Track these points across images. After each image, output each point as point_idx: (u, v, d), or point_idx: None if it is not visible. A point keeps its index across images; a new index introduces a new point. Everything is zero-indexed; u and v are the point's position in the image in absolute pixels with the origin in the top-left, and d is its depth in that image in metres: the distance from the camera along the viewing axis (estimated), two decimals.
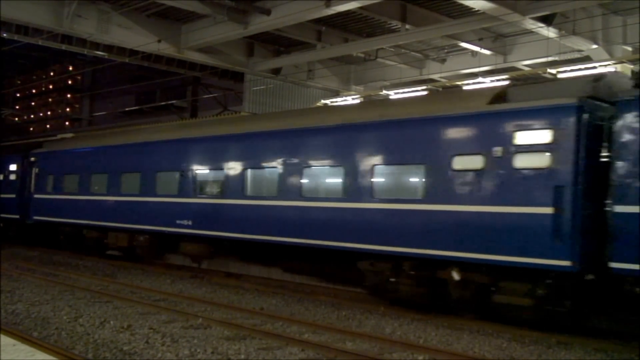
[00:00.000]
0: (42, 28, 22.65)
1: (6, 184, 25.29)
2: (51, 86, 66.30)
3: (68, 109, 63.66)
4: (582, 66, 17.98)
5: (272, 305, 12.85)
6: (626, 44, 21.52)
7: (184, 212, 16.55)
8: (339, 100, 25.47)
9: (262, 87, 29.68)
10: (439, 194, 11.22)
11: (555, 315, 9.98)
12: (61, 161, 22.44)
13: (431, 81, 27.03)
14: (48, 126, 63.32)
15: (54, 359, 7.07)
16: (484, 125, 10.85)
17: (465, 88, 19.92)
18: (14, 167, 25.22)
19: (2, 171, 25.71)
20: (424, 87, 23.15)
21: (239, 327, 10.42)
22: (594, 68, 17.14)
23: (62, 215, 21.59)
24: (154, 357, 8.59)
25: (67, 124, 60.74)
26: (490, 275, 10.68)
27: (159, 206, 17.54)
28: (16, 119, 63.02)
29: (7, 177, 25.45)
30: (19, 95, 69.02)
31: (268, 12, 21.18)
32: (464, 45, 24.43)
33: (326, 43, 25.09)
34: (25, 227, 24.33)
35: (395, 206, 11.97)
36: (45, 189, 22.72)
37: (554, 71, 18.54)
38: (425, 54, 26.87)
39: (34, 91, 68.25)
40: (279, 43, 27.05)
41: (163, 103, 38.61)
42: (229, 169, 15.51)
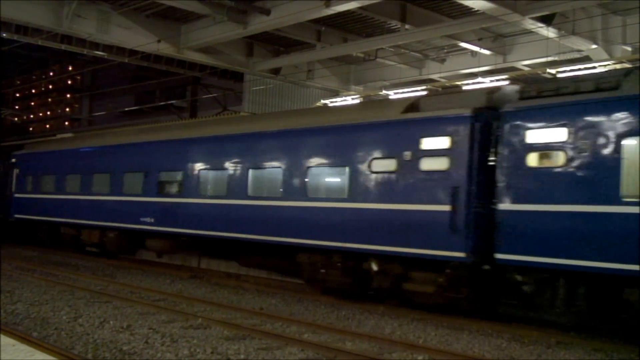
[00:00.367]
0: (42, 28, 22.69)
1: None
2: (51, 86, 66.37)
3: (68, 109, 63.71)
4: (582, 66, 17.99)
5: (271, 305, 12.87)
6: (626, 44, 21.54)
7: (147, 210, 17.67)
8: (338, 101, 25.47)
9: (262, 87, 29.71)
10: (360, 193, 12.43)
11: (454, 300, 11.23)
12: (39, 162, 23.39)
13: (431, 81, 27.04)
14: (48, 126, 63.35)
15: (54, 359, 7.07)
16: (397, 132, 12.08)
17: (391, 97, 21.08)
18: None
19: None
20: (423, 87, 23.16)
21: (239, 327, 10.42)
22: (594, 68, 17.14)
23: (41, 214, 22.60)
24: (153, 357, 8.59)
25: (66, 123, 60.77)
26: (403, 266, 11.87)
27: (125, 205, 18.61)
28: (15, 119, 63.02)
29: None
30: (18, 95, 69.06)
31: (268, 12, 21.21)
32: (463, 45, 24.45)
33: (326, 43, 25.11)
34: (7, 224, 25.12)
35: (325, 204, 13.19)
36: (25, 188, 23.78)
37: (553, 71, 18.56)
38: (425, 54, 26.87)
39: (33, 91, 68.32)
40: (278, 43, 27.07)
41: (162, 103, 38.60)
42: (187, 170, 16.56)
